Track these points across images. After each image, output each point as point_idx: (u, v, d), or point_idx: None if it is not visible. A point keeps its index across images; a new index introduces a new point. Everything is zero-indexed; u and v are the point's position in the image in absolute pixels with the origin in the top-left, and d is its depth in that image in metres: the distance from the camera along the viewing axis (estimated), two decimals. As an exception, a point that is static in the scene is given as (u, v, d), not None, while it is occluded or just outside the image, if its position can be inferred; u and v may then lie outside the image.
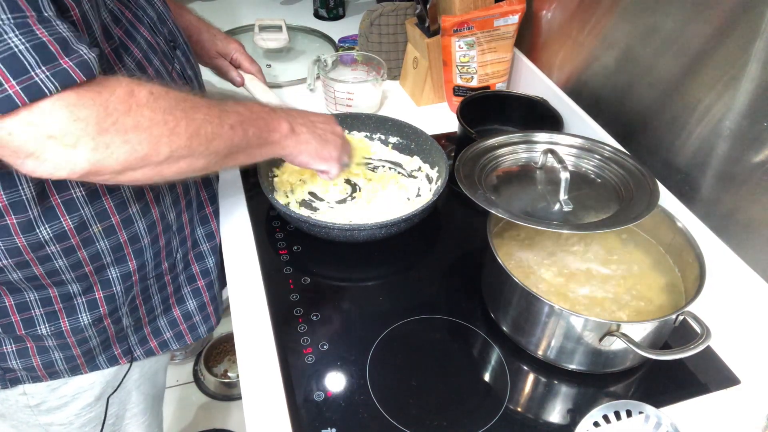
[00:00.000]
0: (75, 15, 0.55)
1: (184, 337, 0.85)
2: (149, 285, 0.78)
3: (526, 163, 0.83)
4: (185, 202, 0.80)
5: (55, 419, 0.80)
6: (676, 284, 0.74)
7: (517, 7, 1.09)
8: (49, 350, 0.73)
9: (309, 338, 0.74)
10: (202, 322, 0.86)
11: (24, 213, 0.61)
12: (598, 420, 0.64)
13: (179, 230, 0.80)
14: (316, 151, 0.80)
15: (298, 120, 0.78)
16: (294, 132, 0.76)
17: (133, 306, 0.77)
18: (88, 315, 0.72)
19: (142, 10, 0.71)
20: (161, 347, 0.83)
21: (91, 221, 0.67)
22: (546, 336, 0.69)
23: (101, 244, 0.69)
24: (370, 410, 0.66)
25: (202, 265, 0.85)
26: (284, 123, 0.75)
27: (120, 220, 0.70)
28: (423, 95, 1.21)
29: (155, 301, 0.80)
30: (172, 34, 0.78)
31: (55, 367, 0.75)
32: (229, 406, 1.67)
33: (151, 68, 0.70)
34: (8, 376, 0.74)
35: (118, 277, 0.73)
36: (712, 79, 0.77)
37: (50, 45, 0.48)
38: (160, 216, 0.75)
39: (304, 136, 0.78)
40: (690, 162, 0.82)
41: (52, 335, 0.72)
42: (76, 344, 0.73)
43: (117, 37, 0.65)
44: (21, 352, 0.72)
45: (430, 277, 0.86)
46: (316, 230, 0.83)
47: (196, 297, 0.85)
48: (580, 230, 0.72)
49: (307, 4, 1.63)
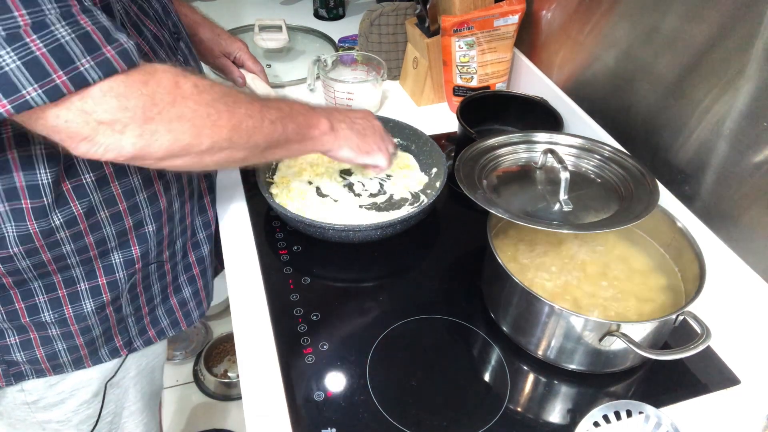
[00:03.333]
0: (100, 5, 0.57)
1: (179, 324, 0.86)
2: (150, 272, 0.79)
3: (526, 163, 0.83)
4: (188, 192, 0.81)
5: (53, 416, 0.80)
6: (676, 284, 0.74)
7: (517, 7, 1.09)
8: (53, 340, 0.73)
9: (309, 338, 0.74)
10: (196, 307, 0.88)
11: (39, 198, 0.63)
12: (598, 420, 0.64)
13: (181, 220, 0.81)
14: (358, 145, 0.82)
15: (338, 117, 0.81)
16: (333, 129, 0.79)
17: (134, 294, 0.78)
18: (91, 301, 0.73)
19: (148, 3, 0.72)
20: (159, 335, 0.84)
21: (99, 207, 0.68)
22: (546, 336, 0.69)
23: (107, 229, 0.70)
24: (370, 410, 0.66)
25: (198, 253, 0.86)
26: (324, 120, 0.77)
27: (126, 207, 0.71)
28: (423, 95, 1.21)
29: (155, 289, 0.81)
30: (176, 26, 0.79)
31: (59, 359, 0.75)
32: (229, 406, 1.67)
33: (157, 61, 0.70)
34: (12, 370, 0.74)
35: (121, 262, 0.74)
36: (712, 79, 0.77)
37: (93, 34, 0.50)
38: (167, 204, 0.76)
39: (344, 132, 0.80)
40: (690, 162, 0.82)
41: (56, 323, 0.72)
42: (79, 333, 0.74)
43: (127, 29, 0.65)
44: (24, 343, 0.73)
45: (431, 277, 0.86)
46: (311, 230, 0.84)
47: (191, 284, 0.86)
48: (580, 230, 0.72)
49: (307, 4, 1.63)
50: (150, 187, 0.73)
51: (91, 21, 0.50)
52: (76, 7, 0.49)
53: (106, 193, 0.68)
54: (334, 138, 0.79)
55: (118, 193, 0.69)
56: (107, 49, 0.50)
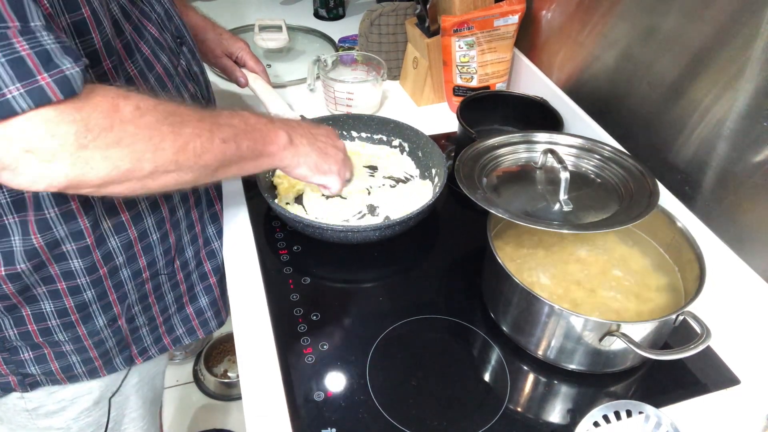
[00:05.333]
0: (86, 12, 0.55)
1: (196, 332, 0.86)
2: (161, 283, 0.78)
3: (526, 163, 0.83)
4: (194, 199, 0.80)
5: (53, 423, 0.80)
6: (676, 284, 0.74)
7: (517, 7, 1.09)
8: (67, 355, 0.73)
9: (309, 338, 0.74)
10: (214, 317, 0.87)
11: (41, 211, 0.62)
12: (598, 420, 0.64)
13: (189, 227, 0.80)
14: (316, 164, 0.78)
15: (298, 131, 0.77)
16: (293, 143, 0.75)
17: (145, 304, 0.77)
18: (103, 317, 0.73)
19: (150, 6, 0.71)
20: (174, 343, 0.84)
21: (102, 218, 0.68)
22: (546, 336, 0.69)
23: (112, 241, 0.69)
24: (370, 410, 0.66)
25: (214, 262, 0.85)
26: (282, 134, 0.73)
27: (130, 217, 0.70)
28: (423, 95, 1.21)
29: (169, 299, 0.81)
30: (179, 30, 0.78)
31: (74, 370, 0.75)
32: (229, 406, 1.67)
33: (159, 65, 0.70)
34: (28, 380, 0.74)
35: (129, 276, 0.73)
36: (712, 79, 0.77)
37: (29, 59, 0.46)
38: (169, 212, 0.75)
39: (304, 148, 0.76)
40: (690, 162, 0.82)
41: (70, 341, 0.72)
42: (93, 347, 0.74)
43: (127, 32, 0.65)
44: (39, 358, 0.73)
45: (431, 277, 0.86)
46: (309, 231, 0.83)
47: (208, 294, 0.86)
48: (580, 230, 0.72)
49: (307, 4, 1.63)
50: (150, 196, 0.71)
51: (28, 44, 0.46)
52: (14, 29, 0.45)
53: (108, 203, 0.67)
54: (293, 154, 0.75)
55: (120, 203, 0.68)
56: (42, 76, 0.46)
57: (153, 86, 0.69)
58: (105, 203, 0.67)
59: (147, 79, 0.68)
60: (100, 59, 0.59)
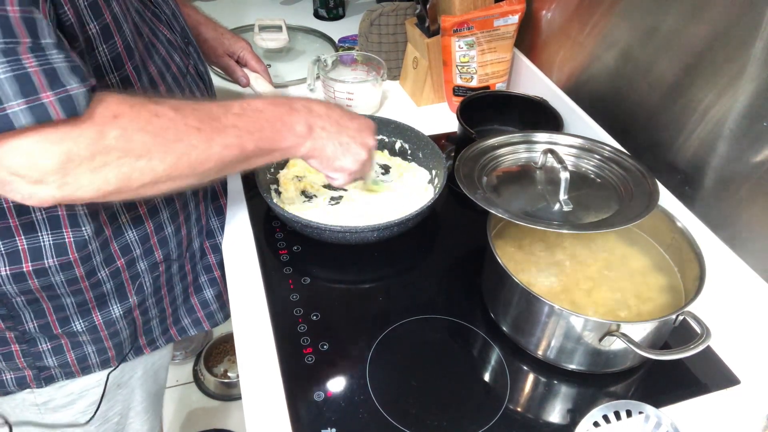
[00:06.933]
0: (107, 16, 0.56)
1: (202, 324, 0.87)
2: (173, 274, 0.79)
3: (526, 163, 0.83)
4: (203, 192, 0.81)
5: (62, 418, 0.81)
6: (676, 284, 0.74)
7: (517, 7, 1.09)
8: (83, 345, 0.75)
9: (309, 338, 0.74)
10: (219, 310, 0.88)
11: (72, 207, 0.63)
12: (598, 420, 0.64)
13: (197, 220, 0.81)
14: (328, 160, 0.72)
15: (324, 119, 0.71)
16: (311, 133, 0.69)
17: (159, 296, 0.79)
18: (119, 306, 0.74)
19: (160, 8, 0.72)
20: (180, 333, 0.85)
21: (120, 211, 0.69)
22: (546, 336, 0.69)
23: (130, 234, 0.71)
24: (370, 410, 0.66)
25: (218, 256, 0.86)
26: (301, 124, 0.68)
27: (146, 210, 0.71)
28: (423, 95, 1.21)
29: (177, 290, 0.82)
30: (185, 30, 0.79)
31: (88, 361, 0.76)
32: (229, 406, 1.67)
33: (174, 65, 0.71)
34: (43, 374, 0.75)
35: (146, 268, 0.75)
36: (712, 79, 0.77)
37: (35, 77, 0.46)
38: (182, 205, 0.77)
39: (321, 141, 0.70)
40: (690, 162, 0.82)
41: (86, 330, 0.73)
42: (108, 337, 0.75)
43: (145, 34, 0.66)
44: (56, 349, 0.74)
45: (430, 277, 0.86)
46: (308, 231, 0.83)
47: (213, 286, 0.87)
48: (580, 230, 0.72)
49: (307, 4, 1.63)
50: None
51: (36, 61, 0.46)
52: (24, 44, 0.45)
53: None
54: (308, 147, 0.70)
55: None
56: (46, 94, 0.46)
57: (170, 85, 0.70)
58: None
59: (165, 79, 0.69)
60: (123, 62, 0.61)
